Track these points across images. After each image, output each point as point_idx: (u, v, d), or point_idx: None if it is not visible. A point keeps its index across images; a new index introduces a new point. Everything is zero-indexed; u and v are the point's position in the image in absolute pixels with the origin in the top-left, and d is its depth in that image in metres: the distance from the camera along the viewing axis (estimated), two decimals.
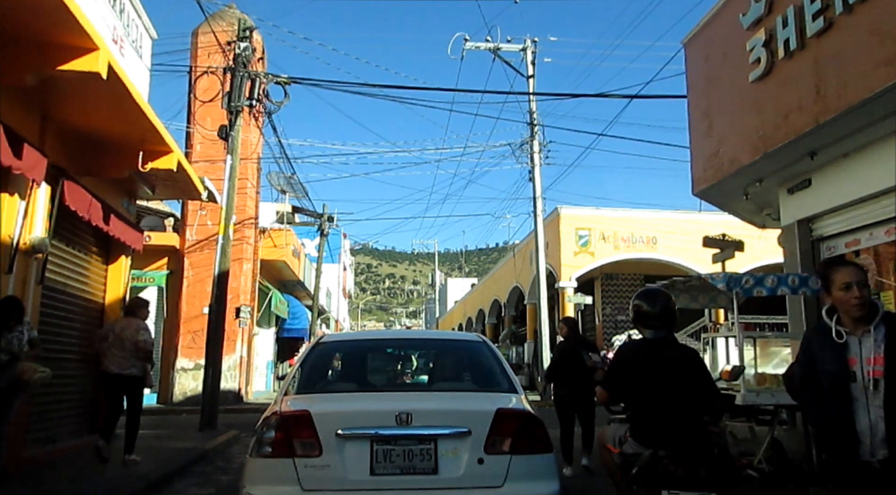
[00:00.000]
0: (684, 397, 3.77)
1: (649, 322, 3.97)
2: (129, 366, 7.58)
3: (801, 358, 3.29)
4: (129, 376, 7.58)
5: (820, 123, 7.46)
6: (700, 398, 3.85)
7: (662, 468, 3.59)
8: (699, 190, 10.50)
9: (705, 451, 3.66)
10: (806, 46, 7.69)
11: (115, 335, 7.64)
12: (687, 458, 3.59)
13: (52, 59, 5.53)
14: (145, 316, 8.09)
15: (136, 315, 7.97)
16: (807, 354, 3.21)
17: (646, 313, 3.99)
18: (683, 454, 3.60)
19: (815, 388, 3.11)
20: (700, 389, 3.86)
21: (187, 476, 7.60)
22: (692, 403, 3.79)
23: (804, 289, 6.99)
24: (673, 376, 3.80)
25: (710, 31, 10.00)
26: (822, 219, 9.15)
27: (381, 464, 3.66)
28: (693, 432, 3.72)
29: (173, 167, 8.26)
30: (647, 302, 4.02)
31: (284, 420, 3.79)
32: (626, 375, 3.94)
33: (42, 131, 7.01)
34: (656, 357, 3.87)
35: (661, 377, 3.80)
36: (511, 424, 3.78)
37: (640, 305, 4.03)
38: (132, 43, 8.70)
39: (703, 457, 3.62)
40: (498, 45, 20.12)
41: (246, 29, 11.98)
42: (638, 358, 3.96)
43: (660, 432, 3.71)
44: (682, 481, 3.53)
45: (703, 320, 20.95)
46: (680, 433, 3.68)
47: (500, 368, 4.59)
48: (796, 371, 3.32)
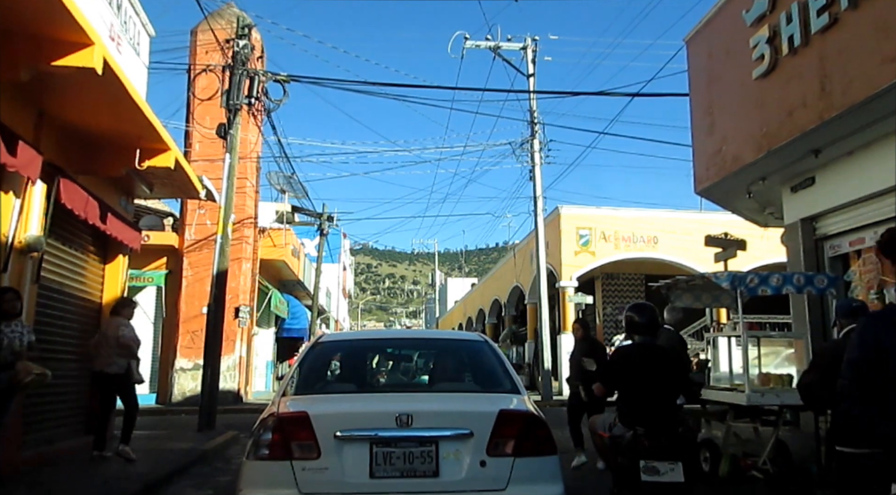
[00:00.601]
0: (663, 387, 4.76)
1: (639, 330, 4.94)
2: (112, 363, 7.76)
3: (859, 356, 2.60)
4: (113, 374, 7.78)
5: (824, 120, 7.40)
6: (676, 387, 4.95)
7: (639, 442, 4.51)
8: (701, 188, 10.43)
9: (672, 429, 4.61)
10: (810, 43, 7.62)
11: (101, 334, 7.97)
12: (657, 434, 4.52)
13: (47, 54, 5.44)
14: (129, 315, 8.23)
15: (120, 313, 8.11)
16: (868, 350, 2.54)
17: (637, 323, 4.95)
18: (655, 431, 4.53)
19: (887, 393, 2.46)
20: (677, 380, 4.95)
21: (185, 477, 7.52)
22: (668, 392, 4.80)
23: (809, 288, 6.90)
24: (657, 371, 4.77)
25: (713, 28, 9.93)
26: (826, 217, 9.08)
27: (380, 467, 3.58)
28: (665, 414, 4.67)
29: (171, 165, 8.17)
30: (637, 314, 4.96)
31: (282, 421, 3.71)
32: (621, 372, 4.90)
33: (37, 128, 6.91)
34: (646, 357, 4.84)
35: (648, 372, 4.75)
36: (514, 426, 3.70)
37: (631, 316, 4.99)
38: (129, 40, 8.62)
39: (669, 434, 4.56)
40: (498, 43, 20.03)
41: (244, 26, 11.90)
42: (631, 358, 4.92)
43: (639, 415, 4.64)
44: (653, 452, 4.44)
45: (703, 320, 20.87)
46: (654, 415, 4.62)
47: (503, 368, 4.51)
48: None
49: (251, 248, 19.05)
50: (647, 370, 4.77)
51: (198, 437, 10.43)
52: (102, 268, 9.61)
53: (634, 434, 4.58)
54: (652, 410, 4.64)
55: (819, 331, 8.93)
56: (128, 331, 7.90)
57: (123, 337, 7.78)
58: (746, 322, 7.06)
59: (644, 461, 4.42)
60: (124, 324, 7.96)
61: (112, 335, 7.78)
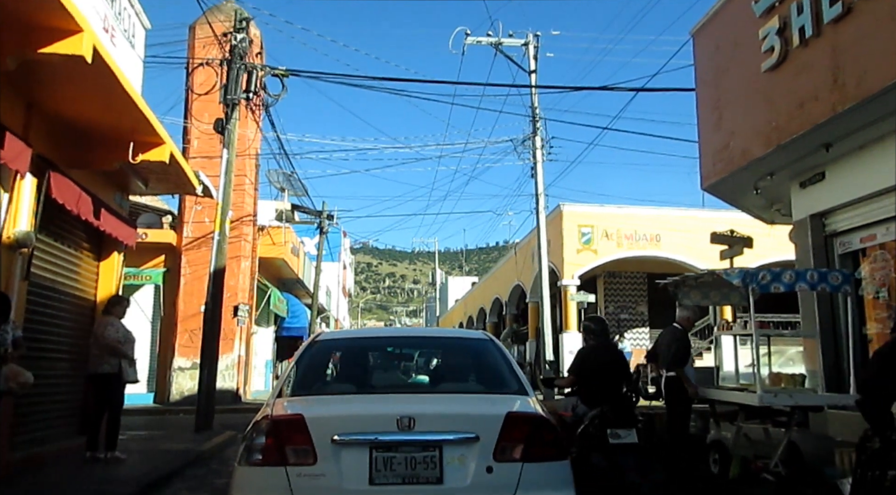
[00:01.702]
0: (615, 378, 6.76)
1: (595, 335, 7.17)
2: (103, 363, 7.64)
3: None
4: (102, 374, 7.64)
5: (837, 113, 7.20)
6: (622, 378, 6.88)
7: (606, 417, 6.28)
8: (708, 184, 10.23)
9: (626, 407, 6.59)
10: (822, 33, 7.43)
11: (93, 333, 7.87)
12: (617, 411, 6.35)
13: (34, 41, 5.22)
14: (121, 313, 8.05)
15: (111, 312, 7.97)
16: None
17: (593, 330, 7.23)
18: (615, 408, 6.37)
19: None
20: (624, 373, 6.98)
21: (180, 479, 7.35)
22: (619, 381, 6.79)
23: (823, 285, 6.69)
24: (610, 366, 6.80)
25: (721, 20, 9.73)
26: (837, 213, 8.89)
27: (381, 473, 3.38)
28: (620, 397, 6.64)
29: (165, 159, 7.95)
30: (594, 323, 7.37)
31: (276, 424, 3.51)
32: (584, 366, 6.85)
33: (27, 120, 6.70)
34: (602, 355, 6.91)
35: (604, 367, 6.74)
36: (522, 429, 3.50)
37: (589, 325, 7.37)
38: (124, 32, 8.42)
39: (625, 410, 6.50)
40: (500, 39, 19.82)
41: (242, 19, 11.69)
42: (591, 356, 6.91)
43: (603, 398, 6.44)
44: (616, 423, 6.25)
45: (707, 319, 20.70)
46: (613, 397, 6.50)
47: (509, 368, 4.30)
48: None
49: (250, 246, 18.88)
50: (604, 365, 6.75)
51: (195, 438, 10.26)
52: (97, 266, 9.41)
53: (601, 411, 6.31)
54: (610, 394, 6.49)
55: (829, 330, 8.73)
56: (111, 330, 7.68)
57: (106, 337, 7.60)
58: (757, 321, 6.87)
59: (610, 429, 6.21)
60: (111, 323, 7.77)
61: (100, 334, 7.65)
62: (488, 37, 19.93)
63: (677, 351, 7.31)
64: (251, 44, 12.25)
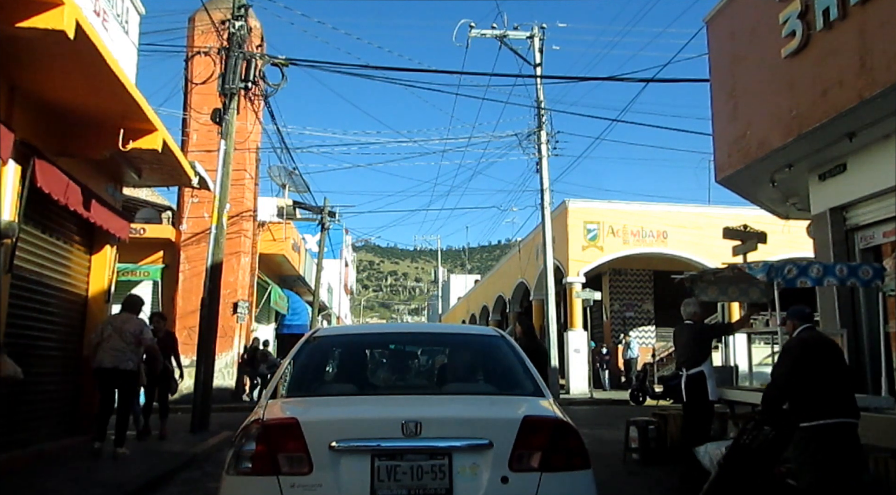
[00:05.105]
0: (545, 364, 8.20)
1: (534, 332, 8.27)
2: (126, 360, 7.67)
3: None
4: (124, 370, 7.66)
5: (864, 99, 6.84)
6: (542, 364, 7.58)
7: None
8: (723, 176, 9.87)
9: None
10: (849, 15, 7.09)
11: (115, 329, 7.73)
12: None
13: (12, 14, 4.85)
14: (139, 313, 8.31)
15: (137, 312, 8.16)
16: None
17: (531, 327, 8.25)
18: None
19: None
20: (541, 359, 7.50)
21: (172, 483, 7.00)
22: None
23: (853, 280, 6.32)
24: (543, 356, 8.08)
25: (737, 6, 9.38)
26: (858, 206, 8.54)
27: (383, 484, 3.04)
28: None
29: (158, 147, 7.59)
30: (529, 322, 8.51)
31: (267, 429, 3.16)
32: None
33: (9, 104, 6.34)
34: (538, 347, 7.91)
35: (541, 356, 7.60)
36: (541, 435, 3.15)
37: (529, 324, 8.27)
38: (117, 17, 8.09)
39: None
40: (505, 32, 19.48)
41: (241, 6, 11.33)
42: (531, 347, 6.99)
43: None
44: None
45: (715, 316, 20.32)
46: None
47: (523, 367, 3.94)
48: None
49: (250, 242, 18.55)
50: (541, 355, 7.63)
51: (189, 439, 9.94)
52: (88, 259, 9.08)
53: None
54: None
55: (850, 327, 8.38)
56: (148, 331, 8.09)
57: (147, 339, 7.94)
58: None
59: None
60: (146, 324, 8.15)
61: (133, 332, 7.74)
62: (493, 29, 19.60)
63: (702, 345, 6.92)
64: (250, 33, 11.90)
